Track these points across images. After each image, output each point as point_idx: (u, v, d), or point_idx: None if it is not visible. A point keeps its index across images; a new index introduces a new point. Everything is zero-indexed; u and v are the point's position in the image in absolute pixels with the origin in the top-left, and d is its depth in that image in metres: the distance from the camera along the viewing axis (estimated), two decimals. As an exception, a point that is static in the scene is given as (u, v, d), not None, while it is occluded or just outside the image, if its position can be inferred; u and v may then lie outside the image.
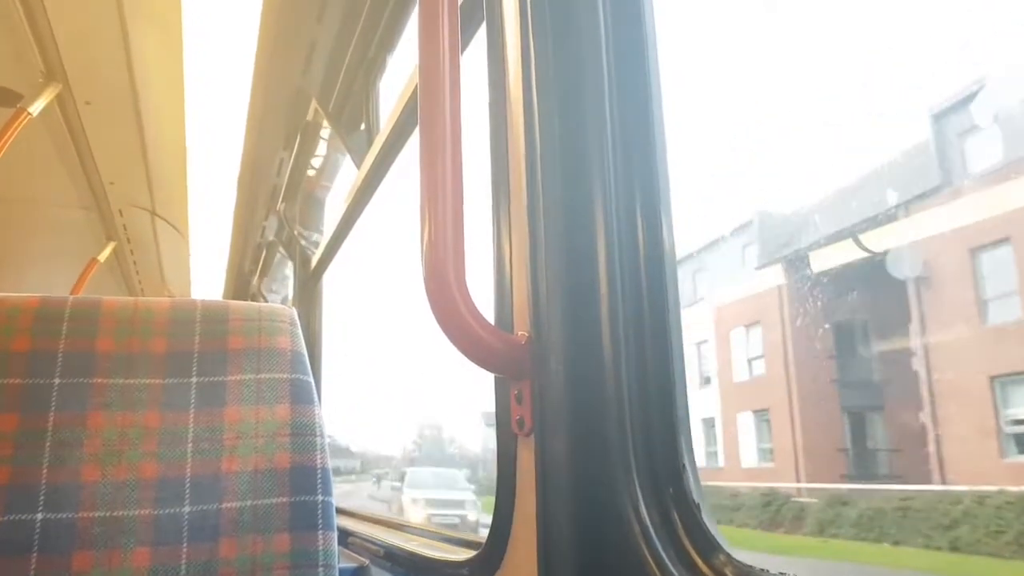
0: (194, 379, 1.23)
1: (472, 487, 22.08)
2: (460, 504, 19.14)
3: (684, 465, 1.00)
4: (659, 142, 1.11)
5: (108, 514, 1.11)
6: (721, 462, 16.89)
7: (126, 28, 2.99)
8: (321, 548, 1.20)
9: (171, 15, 2.88)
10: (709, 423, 17.37)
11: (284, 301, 5.43)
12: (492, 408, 1.23)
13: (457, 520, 18.21)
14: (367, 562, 2.08)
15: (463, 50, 1.22)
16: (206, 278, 6.49)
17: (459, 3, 1.20)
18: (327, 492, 1.23)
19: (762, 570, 0.86)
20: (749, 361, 16.04)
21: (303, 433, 1.24)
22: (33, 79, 3.33)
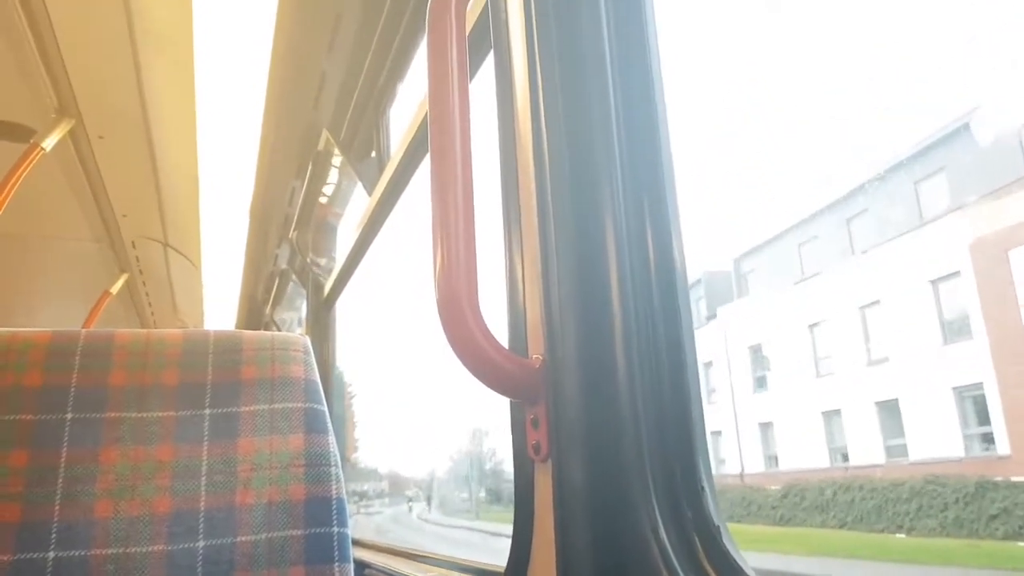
0: (207, 411, 1.23)
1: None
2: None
3: (703, 487, 0.99)
4: (667, 163, 1.11)
5: (121, 551, 1.11)
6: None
7: (138, 62, 3.03)
8: None
9: (183, 48, 2.91)
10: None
11: (297, 329, 5.44)
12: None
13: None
14: None
15: (472, 78, 1.23)
16: (219, 308, 6.52)
17: (467, 33, 1.21)
18: (343, 523, 1.22)
19: None
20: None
21: (318, 463, 1.24)
22: (46, 114, 3.37)
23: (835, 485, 15.43)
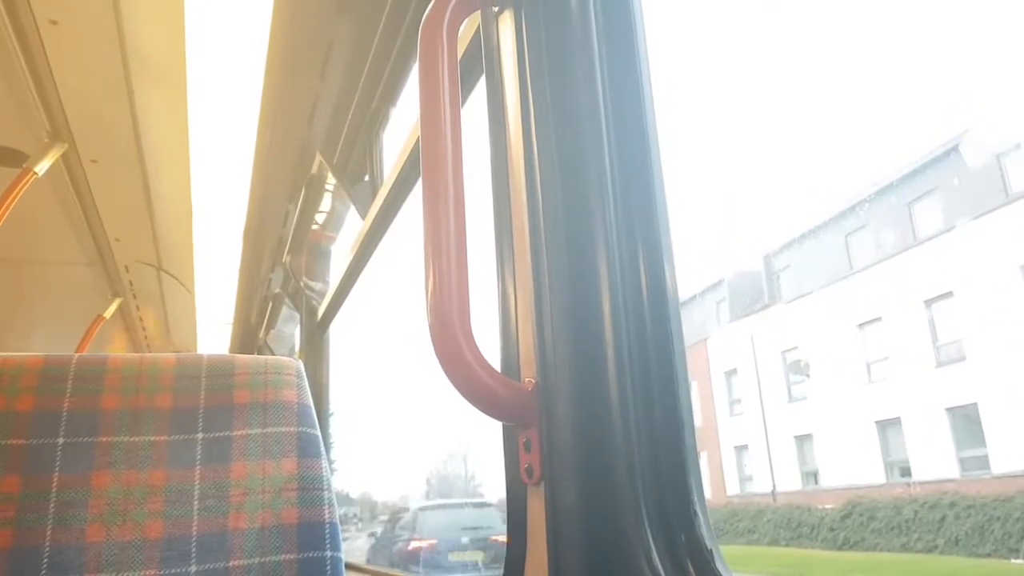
0: (200, 435, 1.22)
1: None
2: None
3: (696, 511, 0.98)
4: (658, 185, 1.11)
5: None
6: None
7: (131, 86, 3.04)
8: None
9: (176, 73, 2.92)
10: None
11: (291, 353, 5.43)
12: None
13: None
14: None
15: (463, 102, 1.24)
16: (212, 332, 6.50)
17: (459, 57, 1.21)
18: (336, 548, 1.22)
19: None
20: None
21: (310, 487, 1.23)
22: (39, 139, 3.37)
23: (915, 502, 13.07)
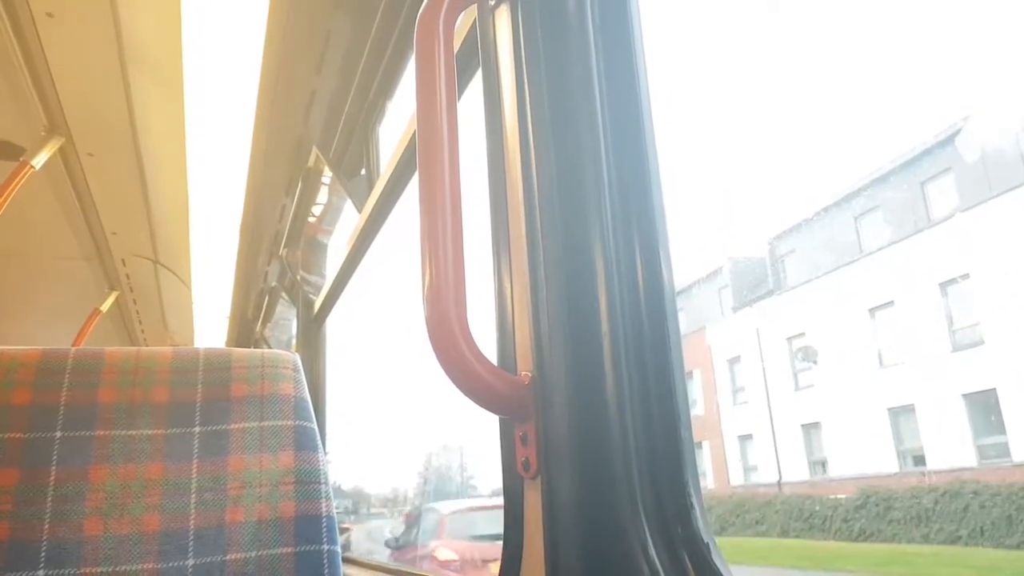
0: (197, 428, 1.22)
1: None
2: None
3: (692, 504, 0.99)
4: (655, 180, 1.11)
5: (111, 569, 1.10)
6: None
7: (128, 80, 3.03)
8: None
9: (172, 66, 2.91)
10: None
11: (288, 346, 5.43)
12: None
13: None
14: None
15: (460, 95, 1.24)
16: (209, 325, 6.50)
17: (455, 51, 1.21)
18: (332, 541, 1.22)
19: None
20: None
21: (307, 481, 1.23)
22: (36, 132, 3.37)
23: (935, 491, 12.63)
